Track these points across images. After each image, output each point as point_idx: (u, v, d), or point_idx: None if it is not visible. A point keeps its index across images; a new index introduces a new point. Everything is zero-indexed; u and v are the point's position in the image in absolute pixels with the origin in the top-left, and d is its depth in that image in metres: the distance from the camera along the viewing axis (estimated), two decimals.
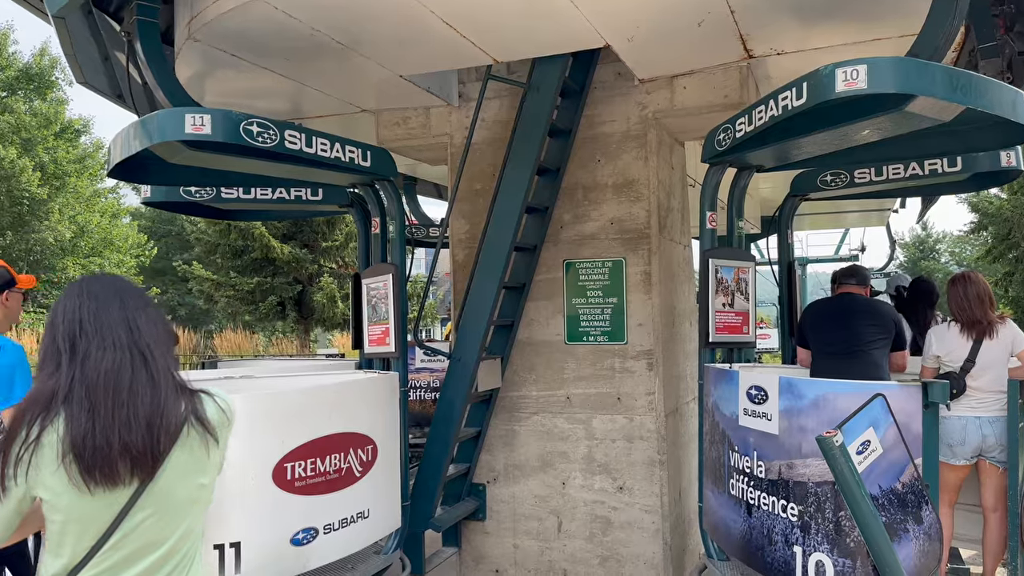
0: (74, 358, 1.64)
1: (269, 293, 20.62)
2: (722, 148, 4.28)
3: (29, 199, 26.89)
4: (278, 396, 3.84)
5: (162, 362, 1.69)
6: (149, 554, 1.67)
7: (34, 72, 28.22)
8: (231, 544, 3.45)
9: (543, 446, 5.40)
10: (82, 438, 1.59)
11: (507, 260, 5.07)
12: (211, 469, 1.77)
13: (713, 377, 4.28)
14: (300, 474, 3.68)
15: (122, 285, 1.76)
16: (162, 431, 1.64)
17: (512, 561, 5.45)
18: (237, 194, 4.93)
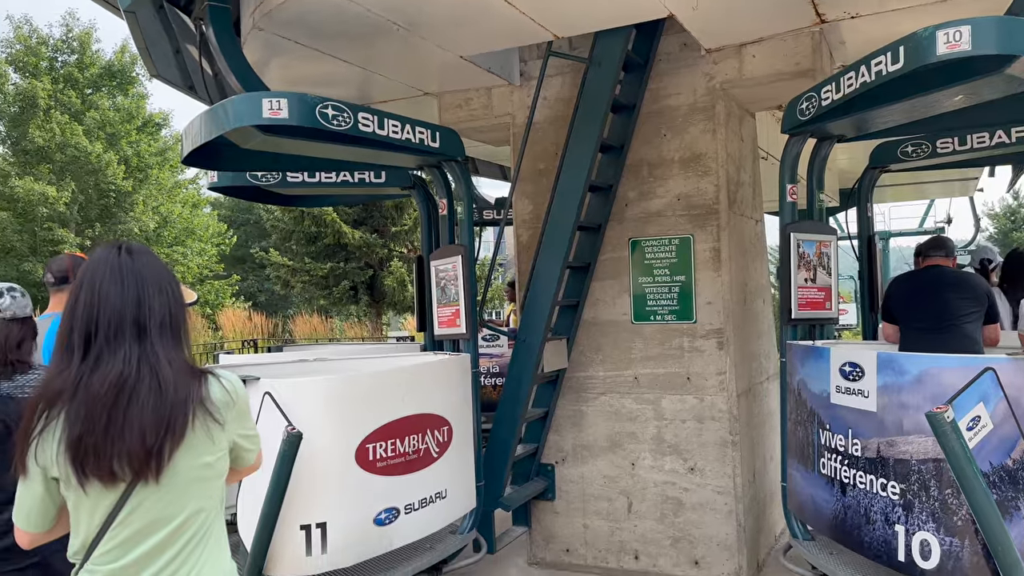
0: (85, 360, 1.67)
1: (342, 278, 21.03)
2: (805, 118, 4.13)
3: (115, 191, 28.06)
4: (360, 378, 3.89)
5: (170, 367, 1.70)
6: (158, 531, 1.69)
7: (116, 69, 29.33)
8: (317, 525, 3.52)
9: (611, 427, 5.35)
10: (77, 440, 1.62)
11: (571, 240, 5.01)
12: (216, 448, 1.76)
13: (799, 355, 4.16)
14: (381, 455, 3.72)
15: (140, 273, 1.75)
16: (167, 436, 1.65)
17: (582, 541, 5.43)
18: (302, 178, 5.01)
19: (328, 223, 20.43)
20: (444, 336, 4.64)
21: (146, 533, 1.69)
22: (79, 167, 27.17)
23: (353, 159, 4.59)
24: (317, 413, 3.53)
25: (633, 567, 5.29)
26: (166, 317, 1.73)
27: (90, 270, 1.73)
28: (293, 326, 22.30)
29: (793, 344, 4.29)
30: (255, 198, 5.67)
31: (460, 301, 4.42)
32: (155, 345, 1.69)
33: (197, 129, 3.84)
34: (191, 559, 1.74)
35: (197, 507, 1.74)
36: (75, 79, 28.43)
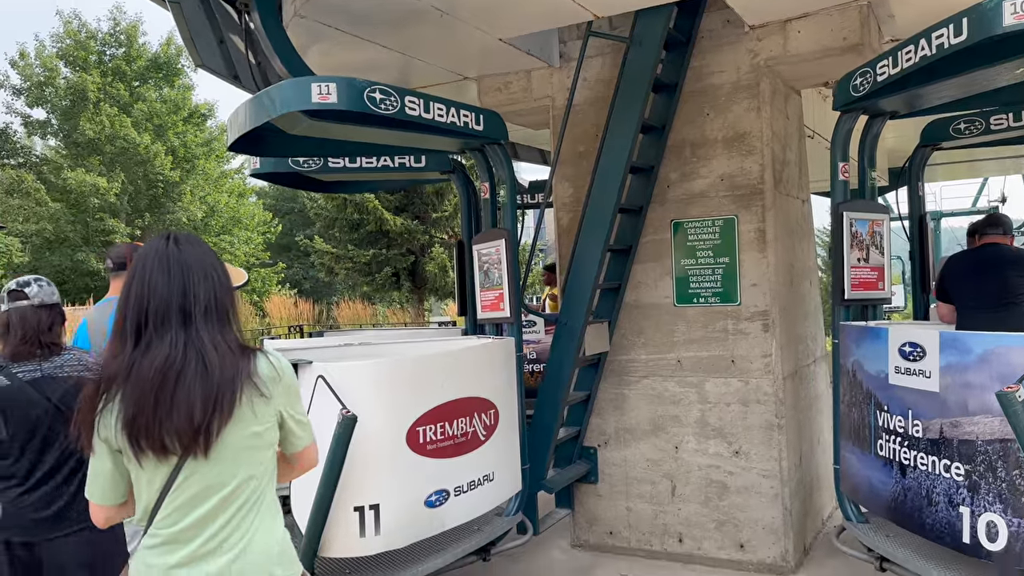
0: (137, 346, 1.79)
1: (384, 264, 21.22)
2: (859, 94, 4.04)
3: (163, 182, 28.66)
4: (410, 362, 3.92)
5: (215, 348, 1.80)
6: (211, 497, 1.80)
7: (162, 61, 29.87)
8: (370, 506, 3.56)
9: (654, 410, 5.32)
10: (131, 420, 1.76)
11: (612, 222, 4.97)
12: (264, 420, 1.85)
13: (854, 336, 4.09)
14: (431, 437, 3.75)
15: (188, 263, 1.85)
16: (217, 415, 1.75)
17: (626, 524, 5.42)
18: (344, 163, 5.03)
19: (370, 210, 20.60)
20: (487, 320, 4.65)
21: (200, 499, 1.80)
22: (128, 158, 27.79)
23: (396, 143, 4.60)
24: (369, 396, 3.56)
25: (677, 550, 5.27)
26: (211, 302, 1.83)
27: (140, 261, 1.85)
28: (337, 312, 22.61)
29: (847, 325, 4.22)
30: (296, 184, 5.72)
31: (504, 285, 4.42)
32: (200, 330, 1.79)
33: (244, 116, 3.87)
34: (244, 523, 1.84)
35: (247, 475, 1.84)
36: (123, 72, 29.04)
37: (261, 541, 1.85)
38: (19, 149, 30.09)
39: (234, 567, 1.80)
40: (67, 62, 28.77)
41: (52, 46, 28.89)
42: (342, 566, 3.78)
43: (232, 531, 1.81)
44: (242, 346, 1.86)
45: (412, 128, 3.99)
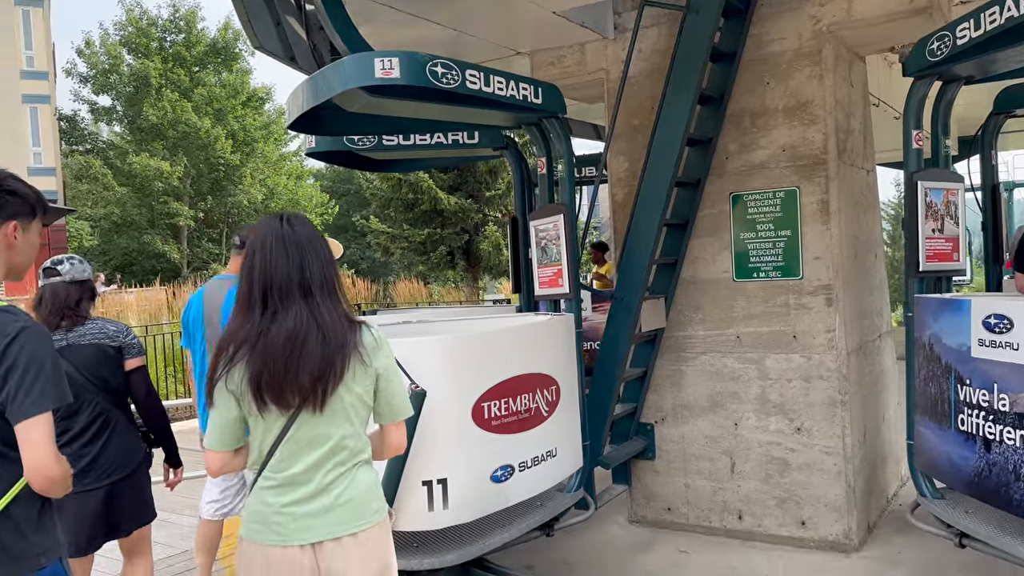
0: (264, 313, 2.04)
1: (439, 243, 21.35)
2: (936, 58, 3.89)
3: (224, 165, 29.32)
4: (475, 338, 3.92)
5: (332, 320, 2.05)
6: (319, 446, 2.06)
7: (220, 46, 30.44)
8: (438, 480, 3.60)
9: (712, 386, 5.25)
10: (258, 377, 2.01)
11: (668, 196, 4.89)
12: (365, 382, 2.10)
13: (931, 308, 3.97)
14: (496, 413, 3.77)
15: (300, 242, 2.09)
16: (331, 376, 2.02)
17: (684, 500, 5.38)
18: (397, 141, 5.03)
19: (424, 189, 20.72)
20: (545, 296, 4.62)
21: (310, 448, 2.06)
22: (190, 142, 28.48)
23: (452, 119, 4.57)
24: (436, 371, 3.57)
25: (737, 527, 5.22)
26: (323, 277, 2.09)
27: (259, 239, 2.09)
28: (394, 291, 22.86)
29: (923, 297, 4.09)
30: (350, 164, 5.76)
31: (562, 260, 4.37)
32: (319, 303, 2.05)
33: (303, 95, 3.87)
34: (346, 470, 2.11)
35: (350, 429, 2.10)
36: (183, 57, 29.70)
37: (360, 483, 2.12)
38: (87, 135, 31.12)
39: (339, 503, 2.07)
40: (130, 49, 29.55)
41: (116, 34, 29.68)
42: (410, 539, 3.83)
43: (337, 476, 2.08)
44: (350, 319, 2.11)
45: (470, 103, 3.95)
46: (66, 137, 29.80)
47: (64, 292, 3.13)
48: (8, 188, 1.98)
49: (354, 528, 2.08)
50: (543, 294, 4.60)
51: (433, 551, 3.73)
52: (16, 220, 2.00)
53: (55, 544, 1.98)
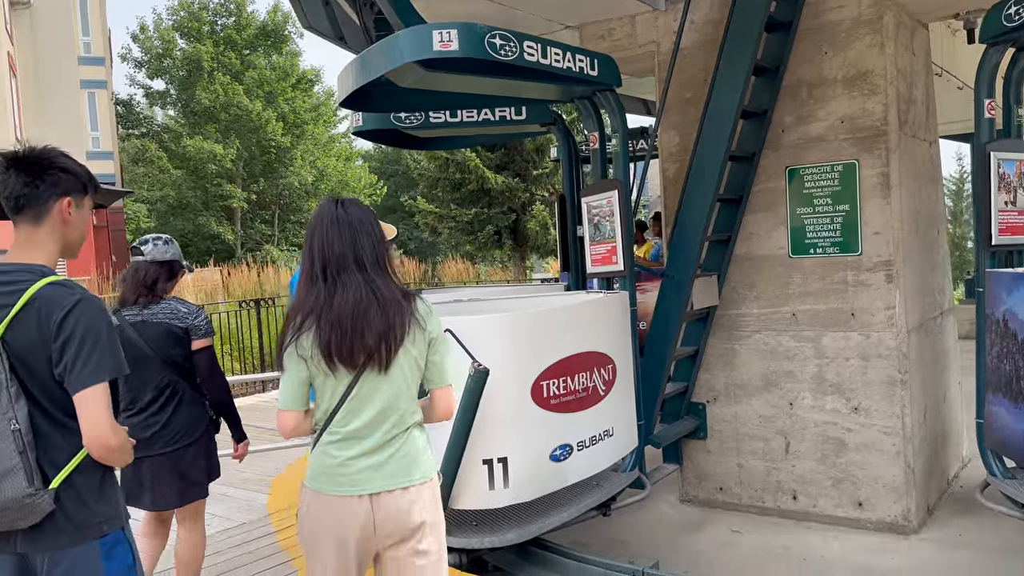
0: (326, 284, 2.24)
1: (486, 223, 21.35)
2: (1012, 24, 3.73)
3: (275, 147, 29.70)
4: (535, 316, 3.89)
5: (387, 292, 2.25)
6: (379, 405, 2.25)
7: (269, 28, 30.74)
8: (498, 459, 3.59)
9: (766, 365, 5.15)
10: (327, 343, 2.20)
11: (722, 170, 4.78)
12: (421, 347, 2.31)
13: (1005, 283, 3.84)
14: (554, 392, 3.74)
15: (355, 223, 2.29)
16: (393, 341, 2.23)
17: (736, 480, 5.31)
18: (445, 118, 4.99)
19: (472, 169, 20.70)
20: (598, 274, 4.56)
21: (371, 406, 2.26)
22: (242, 125, 28.90)
23: (502, 93, 4.48)
24: (496, 349, 3.54)
25: (791, 507, 5.13)
26: (375, 254, 2.28)
27: (316, 221, 2.30)
28: (441, 271, 22.98)
29: (997, 272, 3.95)
30: (396, 142, 5.72)
31: (616, 238, 4.29)
32: (373, 276, 2.25)
33: (356, 71, 3.83)
34: (402, 428, 2.29)
35: (405, 391, 2.30)
36: (234, 40, 30.08)
37: (414, 442, 2.31)
38: (142, 119, 31.79)
39: (394, 459, 2.26)
40: (182, 33, 30.02)
41: (168, 19, 30.17)
42: (469, 518, 3.83)
43: (395, 434, 2.27)
44: (403, 290, 2.31)
45: (525, 76, 3.87)
46: (123, 121, 30.50)
47: (144, 271, 3.32)
48: (61, 165, 2.02)
49: (406, 482, 2.26)
50: (596, 272, 4.54)
51: (493, 529, 3.73)
52: (70, 196, 2.03)
53: (116, 513, 2.02)
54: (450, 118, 5.06)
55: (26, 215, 1.99)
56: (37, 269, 1.95)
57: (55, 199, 2.00)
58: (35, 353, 1.89)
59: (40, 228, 2.00)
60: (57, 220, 2.01)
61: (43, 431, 1.91)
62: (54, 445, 1.92)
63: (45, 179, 1.99)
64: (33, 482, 1.83)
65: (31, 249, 1.98)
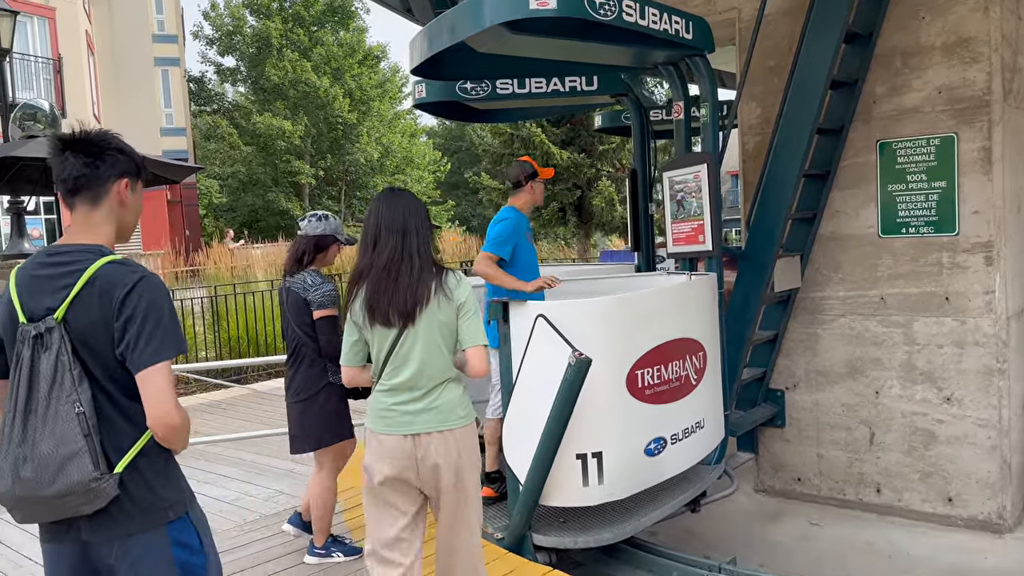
0: (372, 252, 2.62)
1: (551, 200, 21.09)
2: None
3: (342, 124, 29.95)
4: (627, 301, 3.66)
5: (419, 260, 2.61)
6: (417, 361, 2.60)
7: (337, 4, 30.88)
8: (593, 454, 3.39)
9: (851, 351, 4.88)
10: (370, 301, 2.59)
11: (808, 144, 4.51)
12: (450, 311, 2.62)
13: None
14: (648, 382, 3.51)
15: (404, 203, 2.68)
16: (418, 301, 2.57)
17: (816, 471, 5.07)
18: (512, 89, 4.77)
19: (537, 144, 20.45)
20: (680, 254, 4.29)
21: (409, 363, 2.60)
22: (310, 102, 29.21)
23: (582, 58, 4.19)
24: (592, 337, 3.30)
25: (874, 500, 4.88)
26: (417, 232, 2.64)
27: (375, 202, 2.70)
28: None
29: None
30: (457, 115, 5.52)
31: (704, 215, 4.04)
32: (411, 244, 2.61)
33: (433, 35, 3.62)
34: (440, 380, 2.63)
35: (440, 350, 2.62)
36: (302, 17, 30.33)
37: (449, 393, 2.65)
38: (213, 96, 32.42)
39: (433, 406, 2.61)
40: (252, 10, 30.39)
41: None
42: (556, 515, 3.66)
43: (431, 386, 2.62)
44: (436, 264, 2.64)
45: (613, 39, 3.63)
46: (195, 98, 31.16)
47: (296, 244, 3.70)
48: (118, 147, 2.00)
49: (442, 427, 2.62)
50: (678, 252, 4.28)
51: (583, 527, 3.54)
52: (127, 178, 2.01)
53: (181, 497, 1.98)
54: (518, 89, 4.84)
55: (84, 196, 1.96)
56: (96, 249, 1.92)
57: (113, 180, 1.98)
58: (97, 333, 1.86)
59: (98, 210, 1.97)
60: (115, 201, 1.99)
61: (106, 414, 1.87)
62: (118, 429, 1.88)
63: (105, 160, 1.96)
64: (99, 466, 1.80)
65: (88, 231, 1.96)
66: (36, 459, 1.78)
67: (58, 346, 1.83)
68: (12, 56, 17.12)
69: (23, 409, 1.81)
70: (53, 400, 1.81)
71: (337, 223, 3.81)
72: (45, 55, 18.31)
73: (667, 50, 3.90)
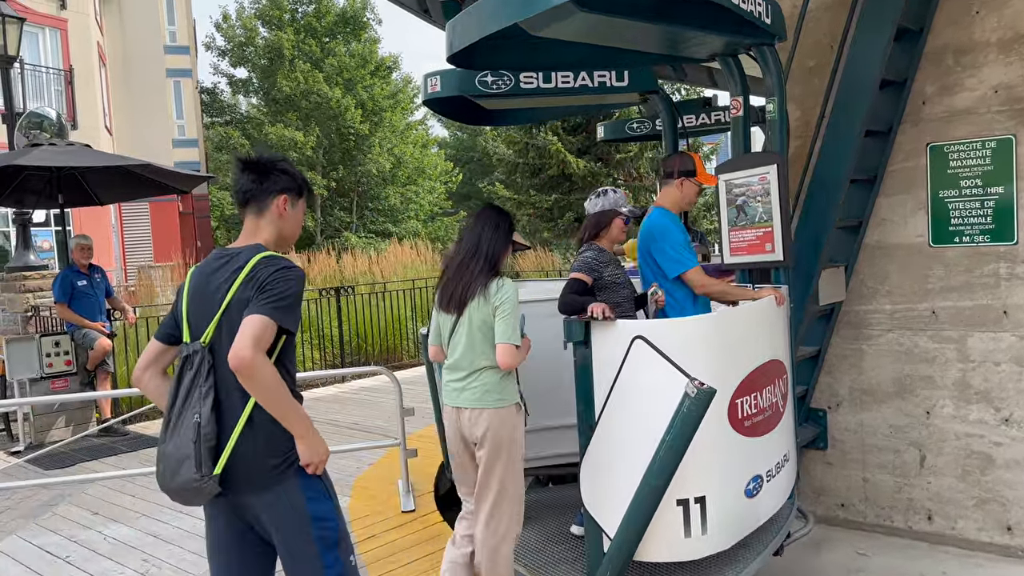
0: (456, 250, 3.19)
1: (567, 209, 20.84)
2: None
3: (354, 135, 29.80)
4: (728, 319, 3.25)
5: (482, 263, 3.07)
6: (464, 347, 3.08)
7: (348, 15, 30.80)
8: (696, 499, 2.95)
9: (899, 369, 4.57)
10: (442, 289, 3.18)
11: (856, 146, 4.21)
12: (487, 310, 3.03)
13: None
14: (747, 411, 3.06)
15: (486, 215, 3.19)
16: (469, 296, 3.04)
17: (861, 496, 4.75)
18: (537, 84, 4.40)
19: (552, 153, 20.21)
20: (743, 265, 3.90)
21: (459, 348, 3.09)
22: (322, 113, 29.07)
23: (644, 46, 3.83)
24: (693, 361, 2.84)
25: (925, 529, 4.55)
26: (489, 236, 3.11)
27: (475, 214, 3.23)
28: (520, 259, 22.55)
29: None
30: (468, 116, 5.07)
31: (773, 221, 3.65)
32: (480, 248, 3.09)
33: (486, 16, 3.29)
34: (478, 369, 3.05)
35: (477, 342, 3.05)
36: (314, 28, 30.25)
37: (485, 377, 3.05)
38: (226, 107, 32.38)
39: (472, 387, 3.05)
40: (264, 22, 30.36)
41: (251, 7, 30.56)
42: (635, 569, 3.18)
43: (472, 371, 3.06)
44: (490, 271, 3.08)
45: (696, 20, 3.26)
46: (207, 109, 31.09)
47: (586, 222, 3.69)
48: (281, 168, 2.40)
49: (479, 406, 3.04)
50: (738, 262, 3.87)
51: None
52: (287, 194, 2.39)
53: None
54: (543, 83, 4.47)
55: (251, 207, 2.38)
56: (254, 247, 2.31)
57: (275, 195, 2.37)
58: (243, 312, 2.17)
59: (261, 219, 2.38)
60: (275, 214, 2.38)
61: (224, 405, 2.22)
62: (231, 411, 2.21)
63: (269, 178, 2.37)
64: (200, 469, 2.13)
65: (253, 236, 2.37)
66: (166, 457, 2.18)
67: (197, 366, 2.21)
68: (23, 67, 17.03)
69: (169, 412, 2.21)
70: (186, 409, 2.18)
71: (616, 196, 3.66)
72: (56, 66, 18.21)
73: (746, 35, 3.49)
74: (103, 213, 19.18)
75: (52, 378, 6.51)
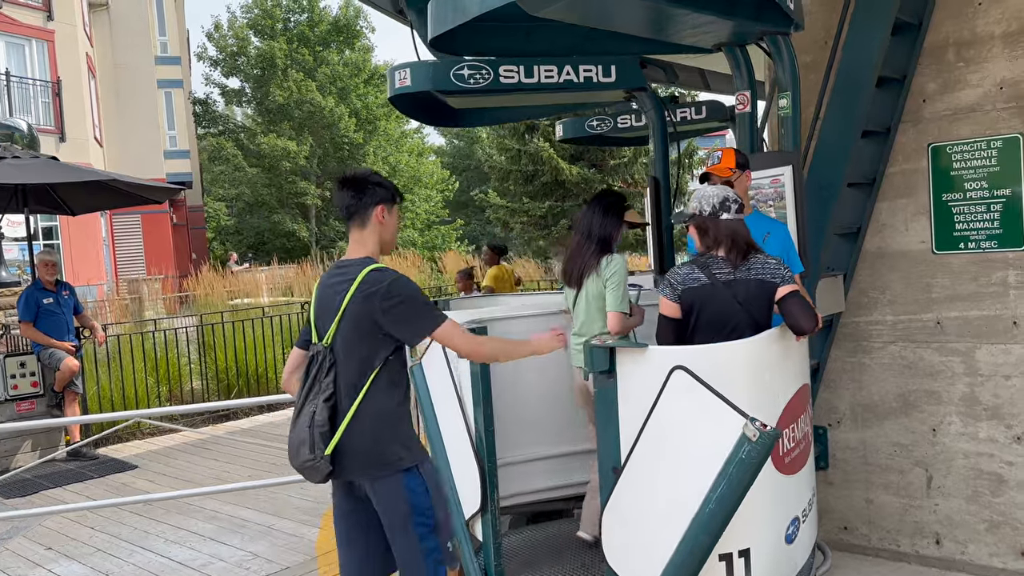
0: (575, 233, 3.73)
1: (560, 217, 20.63)
2: None
3: (348, 144, 29.63)
4: (766, 341, 2.85)
5: (594, 244, 3.58)
6: (580, 316, 3.64)
7: (342, 24, 30.66)
8: (740, 552, 2.62)
9: (903, 383, 4.30)
10: (564, 267, 3.72)
11: (852, 147, 3.96)
12: (595, 284, 3.56)
13: None
14: (787, 446, 2.76)
15: (597, 201, 3.69)
16: (585, 272, 3.57)
17: (865, 519, 4.48)
18: (518, 78, 4.12)
19: (545, 160, 19.99)
20: None
21: (579, 316, 3.64)
22: (315, 122, 28.92)
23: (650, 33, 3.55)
24: (735, 392, 2.53)
25: (933, 553, 4.28)
26: (599, 220, 3.61)
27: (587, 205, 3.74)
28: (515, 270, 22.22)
29: None
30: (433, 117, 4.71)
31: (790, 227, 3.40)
32: (593, 231, 3.59)
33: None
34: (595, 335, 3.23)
35: (592, 311, 3.58)
36: (306, 37, 30.12)
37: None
38: (218, 118, 32.20)
39: (585, 344, 2.99)
40: (256, 31, 30.21)
41: (243, 17, 30.42)
42: None
43: (588, 335, 3.41)
44: (601, 251, 3.57)
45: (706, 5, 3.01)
46: (199, 120, 30.90)
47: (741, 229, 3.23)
48: (375, 181, 2.68)
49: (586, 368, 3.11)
50: None
51: None
52: (383, 204, 2.68)
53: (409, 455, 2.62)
54: (524, 78, 4.17)
55: (355, 221, 2.68)
56: (362, 260, 2.63)
57: (372, 207, 2.66)
58: (360, 321, 2.55)
59: (365, 230, 2.68)
60: (375, 223, 2.68)
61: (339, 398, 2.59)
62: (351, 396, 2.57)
63: (367, 192, 2.66)
64: (314, 451, 2.50)
65: (360, 247, 2.68)
66: (291, 440, 2.55)
67: (320, 363, 2.58)
68: (10, 79, 16.82)
69: (298, 402, 2.59)
70: (308, 400, 2.56)
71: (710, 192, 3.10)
72: (44, 78, 18.01)
73: (764, 22, 3.24)
74: (93, 226, 18.95)
75: (17, 400, 6.25)
